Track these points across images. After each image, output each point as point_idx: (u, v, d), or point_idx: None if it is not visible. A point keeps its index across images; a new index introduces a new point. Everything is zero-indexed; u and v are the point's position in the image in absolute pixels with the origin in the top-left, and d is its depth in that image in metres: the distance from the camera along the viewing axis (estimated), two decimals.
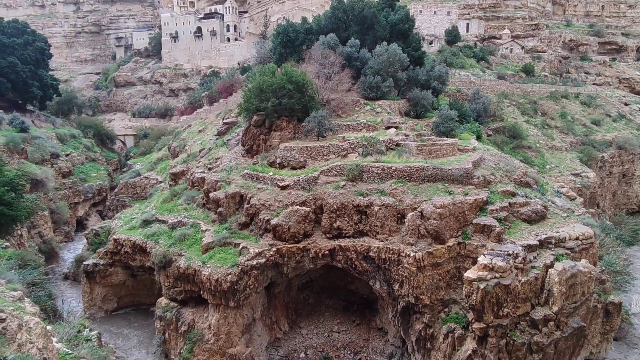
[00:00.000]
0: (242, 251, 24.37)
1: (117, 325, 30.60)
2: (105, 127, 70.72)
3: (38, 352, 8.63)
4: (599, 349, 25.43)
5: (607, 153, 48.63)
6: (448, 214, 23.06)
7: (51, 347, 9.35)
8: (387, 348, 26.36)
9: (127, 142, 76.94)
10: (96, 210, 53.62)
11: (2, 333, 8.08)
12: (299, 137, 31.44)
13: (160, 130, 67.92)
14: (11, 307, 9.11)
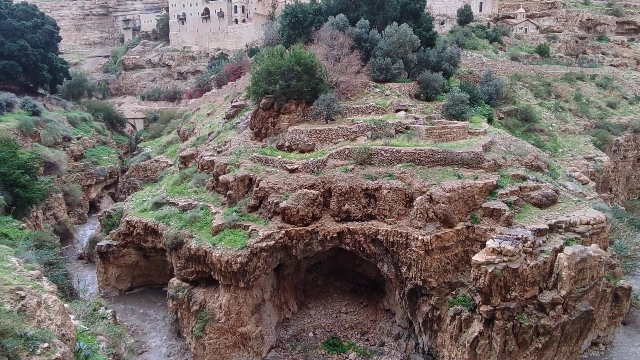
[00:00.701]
0: (251, 233, 24.68)
1: (131, 304, 31.49)
2: (115, 111, 71.09)
3: (57, 329, 8.96)
4: (607, 332, 25.50)
5: (622, 136, 47.53)
6: (457, 198, 22.96)
7: (69, 324, 9.68)
8: (394, 329, 26.77)
9: (137, 126, 77.41)
10: (108, 192, 54.50)
11: (22, 310, 8.38)
12: (308, 120, 31.30)
13: (169, 114, 68.08)
14: (30, 286, 9.42)
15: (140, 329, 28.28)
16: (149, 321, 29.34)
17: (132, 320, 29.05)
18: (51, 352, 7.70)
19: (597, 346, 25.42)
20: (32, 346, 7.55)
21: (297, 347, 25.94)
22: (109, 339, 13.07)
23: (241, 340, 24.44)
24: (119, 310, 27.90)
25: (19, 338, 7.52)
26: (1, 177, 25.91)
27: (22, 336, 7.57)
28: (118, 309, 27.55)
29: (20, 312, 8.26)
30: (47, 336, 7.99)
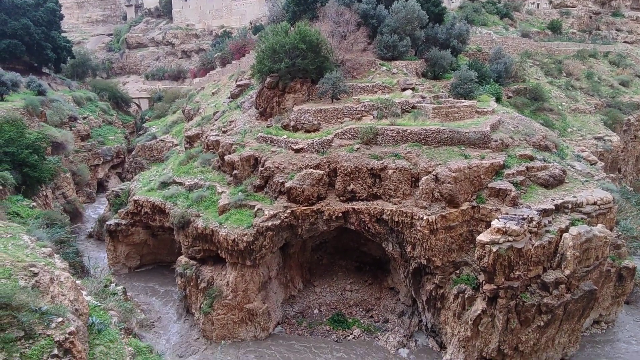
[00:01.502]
0: (257, 213, 24.91)
1: (141, 281, 32.24)
2: (120, 90, 70.80)
3: (70, 304, 9.23)
4: (609, 311, 25.77)
5: (634, 116, 46.61)
6: (463, 178, 22.88)
7: (81, 300, 9.98)
8: (398, 306, 27.23)
9: (142, 105, 77.18)
10: (115, 172, 54.94)
11: (36, 286, 8.62)
12: (313, 99, 31.01)
13: (174, 93, 67.68)
14: (42, 263, 9.66)
15: (150, 305, 29.06)
16: (158, 297, 30.10)
17: (141, 297, 29.81)
18: (65, 326, 7.97)
19: (598, 324, 25.75)
20: (47, 320, 7.82)
21: (303, 323, 26.56)
22: (120, 314, 13.47)
23: (248, 316, 25.05)
24: (128, 287, 28.64)
25: (34, 313, 7.78)
26: (10, 157, 26.19)
27: (37, 311, 7.83)
28: (128, 286, 28.29)
29: (34, 288, 8.51)
30: (61, 311, 8.25)
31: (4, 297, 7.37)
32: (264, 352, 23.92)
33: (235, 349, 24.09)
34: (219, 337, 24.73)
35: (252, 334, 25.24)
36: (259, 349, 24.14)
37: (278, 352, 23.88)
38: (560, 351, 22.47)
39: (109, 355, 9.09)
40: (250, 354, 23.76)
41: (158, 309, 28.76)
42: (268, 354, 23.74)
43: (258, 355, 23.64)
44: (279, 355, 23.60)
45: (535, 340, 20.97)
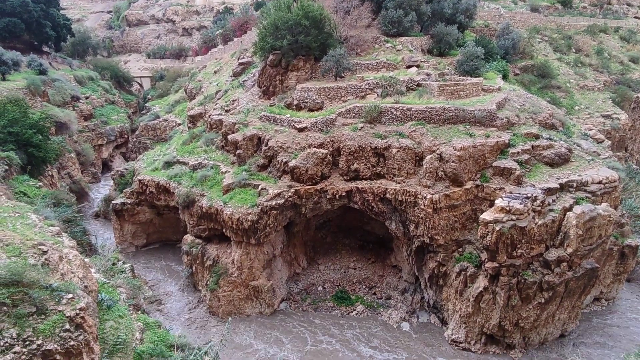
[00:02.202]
0: (261, 192, 25.04)
1: (147, 259, 32.83)
2: (121, 69, 70.08)
3: (79, 281, 9.45)
4: (610, 289, 26.03)
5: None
6: (467, 157, 22.75)
7: (90, 277, 10.20)
8: (401, 284, 27.65)
9: (144, 84, 76.55)
10: (119, 152, 55.10)
11: (46, 264, 8.80)
12: (316, 77, 30.60)
13: (175, 72, 66.96)
14: (51, 241, 9.83)
15: (157, 282, 29.68)
16: (165, 275, 30.71)
17: (149, 274, 30.42)
18: (76, 302, 8.18)
19: (599, 301, 26.07)
20: (57, 297, 8.02)
21: (307, 299, 27.09)
22: (128, 291, 13.79)
23: (254, 293, 25.57)
24: (136, 264, 29.15)
25: (45, 289, 7.98)
26: (14, 137, 26.29)
27: (47, 288, 8.02)
28: (135, 264, 28.79)
29: (43, 266, 8.69)
30: (71, 288, 8.45)
31: (15, 274, 7.54)
32: (270, 327, 24.52)
33: (241, 324, 24.70)
34: (225, 313, 25.33)
35: (258, 310, 25.82)
36: (265, 324, 24.75)
37: (283, 327, 24.48)
38: (559, 327, 22.86)
39: (118, 330, 9.36)
40: (256, 328, 24.37)
41: (165, 286, 29.38)
42: (273, 329, 24.34)
43: (263, 329, 24.25)
44: (284, 330, 24.20)
45: (535, 317, 21.31)
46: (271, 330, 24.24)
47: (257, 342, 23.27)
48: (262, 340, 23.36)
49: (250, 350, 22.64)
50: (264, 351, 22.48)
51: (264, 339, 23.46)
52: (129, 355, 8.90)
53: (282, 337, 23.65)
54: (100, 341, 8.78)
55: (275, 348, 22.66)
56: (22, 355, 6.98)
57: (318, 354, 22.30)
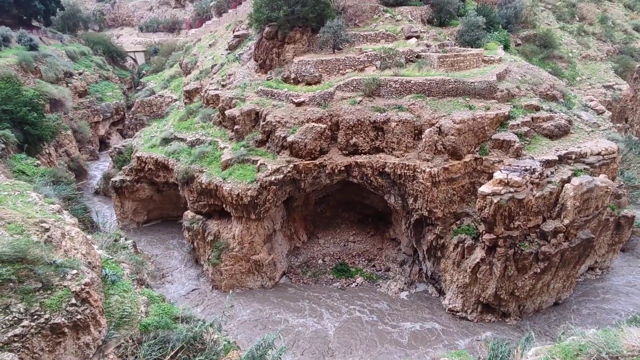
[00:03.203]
0: (260, 168, 25.04)
1: (149, 236, 33.20)
2: (114, 44, 68.41)
3: (82, 257, 9.57)
4: (605, 258, 26.52)
5: None
6: (467, 130, 22.63)
7: (94, 253, 10.32)
8: (400, 256, 28.12)
9: (138, 59, 74.95)
10: (116, 129, 54.61)
11: (49, 241, 8.89)
12: (314, 49, 29.96)
13: (169, 46, 65.41)
14: (52, 219, 9.88)
15: (160, 258, 30.14)
16: (167, 251, 31.14)
17: (150, 250, 30.84)
18: (80, 278, 8.32)
19: (593, 270, 26.63)
20: (62, 273, 8.15)
21: (308, 272, 27.62)
22: (131, 266, 14.00)
23: (255, 267, 26.03)
24: (137, 241, 29.52)
25: (49, 266, 8.10)
26: (9, 115, 25.96)
27: (51, 264, 8.14)
28: (137, 240, 29.14)
29: (46, 243, 8.78)
30: (75, 264, 8.57)
31: (19, 251, 7.63)
32: (271, 299, 25.11)
33: (244, 297, 25.28)
34: (228, 287, 25.87)
35: (260, 284, 26.36)
36: (267, 297, 25.33)
37: (284, 298, 25.07)
38: (554, 295, 23.45)
39: (124, 304, 9.57)
40: (258, 300, 24.97)
41: (167, 261, 29.86)
42: (275, 301, 24.94)
43: (265, 301, 24.85)
44: (286, 301, 24.79)
45: (531, 286, 21.82)
46: (273, 302, 24.83)
47: (259, 313, 23.88)
48: (264, 312, 23.98)
49: (252, 321, 23.26)
50: (265, 322, 23.11)
51: (266, 311, 24.07)
52: (135, 327, 9.14)
53: (283, 308, 24.26)
54: (106, 315, 9.00)
55: (277, 318, 23.28)
56: (30, 329, 7.16)
57: (317, 323, 22.94)
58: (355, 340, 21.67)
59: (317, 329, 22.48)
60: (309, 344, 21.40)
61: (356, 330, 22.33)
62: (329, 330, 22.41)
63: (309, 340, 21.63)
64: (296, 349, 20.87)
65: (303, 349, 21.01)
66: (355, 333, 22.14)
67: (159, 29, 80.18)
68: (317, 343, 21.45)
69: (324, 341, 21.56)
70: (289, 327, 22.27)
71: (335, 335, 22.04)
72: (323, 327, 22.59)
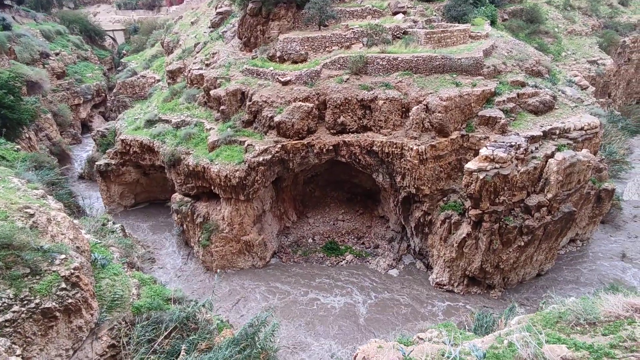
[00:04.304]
0: (247, 148, 24.84)
1: (137, 219, 32.97)
2: (91, 22, 65.79)
3: (70, 242, 9.49)
4: (585, 230, 27.40)
5: (630, 37, 45.33)
6: (454, 107, 22.70)
7: (81, 238, 10.24)
8: (388, 233, 28.59)
9: (117, 38, 72.40)
10: (98, 112, 53.22)
11: (34, 226, 8.78)
12: (299, 26, 29.34)
13: (150, 24, 63.26)
14: (37, 204, 9.72)
15: (149, 241, 30.04)
16: (156, 234, 31.03)
17: (139, 233, 30.68)
18: (69, 262, 8.28)
19: (574, 242, 27.54)
20: (50, 258, 8.09)
21: (298, 251, 27.94)
22: (121, 250, 13.97)
23: (246, 247, 26.20)
24: (126, 224, 29.22)
25: (37, 251, 8.02)
26: None
27: (39, 249, 8.06)
28: (125, 224, 28.87)
29: (32, 228, 8.67)
30: (62, 249, 8.51)
31: (4, 237, 7.52)
32: (262, 278, 25.42)
33: (235, 276, 25.52)
34: (219, 267, 26.04)
35: (250, 263, 26.60)
36: (258, 276, 25.63)
37: (276, 277, 25.41)
38: (537, 267, 24.26)
39: (115, 287, 9.59)
40: (250, 280, 25.26)
41: (157, 244, 29.79)
42: (266, 279, 25.26)
43: (256, 280, 25.15)
44: (277, 280, 25.14)
45: (515, 259, 22.50)
46: (264, 281, 25.15)
47: (250, 292, 24.21)
48: (255, 291, 24.30)
49: (244, 299, 23.59)
50: (258, 300, 23.46)
51: (257, 289, 24.40)
52: (127, 309, 9.20)
53: (273, 287, 24.62)
54: (98, 298, 9.02)
55: (267, 296, 23.65)
56: (21, 314, 7.15)
57: (309, 300, 23.40)
58: (348, 314, 22.23)
59: (309, 303, 22.93)
60: (305, 316, 21.87)
61: (345, 305, 22.86)
62: (329, 304, 22.89)
63: (303, 314, 22.10)
64: (291, 320, 21.33)
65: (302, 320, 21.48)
66: (345, 307, 22.67)
67: (138, 6, 77.28)
68: (312, 316, 21.94)
69: (325, 314, 22.05)
70: (286, 302, 22.66)
71: (332, 310, 22.55)
72: (315, 301, 23.06)
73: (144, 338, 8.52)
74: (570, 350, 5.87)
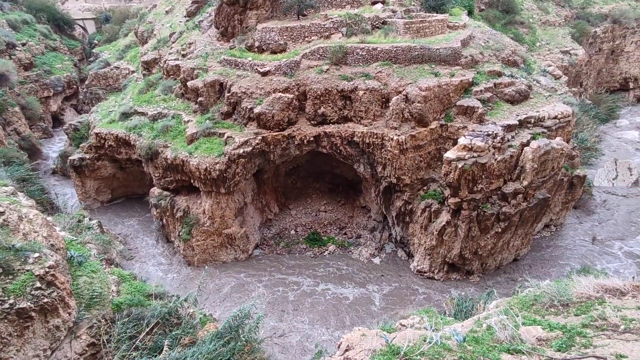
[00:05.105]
0: (227, 140, 24.49)
1: (115, 215, 32.17)
2: (59, 11, 62.93)
3: (44, 240, 9.18)
4: (559, 216, 28.39)
5: (601, 28, 46.70)
6: (433, 97, 22.94)
7: (56, 235, 9.91)
8: (370, 223, 28.88)
9: (88, 28, 69.63)
10: (70, 104, 51.30)
11: (5, 225, 8.44)
12: (278, 16, 28.91)
13: (122, 13, 61.11)
14: (7, 202, 9.34)
15: (128, 236, 29.41)
16: (135, 229, 30.39)
17: (118, 229, 30.00)
18: (44, 261, 8.01)
19: (549, 227, 28.51)
20: (22, 257, 7.81)
21: (281, 243, 27.92)
22: (98, 246, 13.63)
23: (228, 240, 25.98)
24: (103, 220, 28.58)
25: (8, 250, 7.72)
26: None
27: (10, 248, 7.76)
28: (103, 219, 28.22)
29: (2, 227, 8.33)
30: (36, 247, 8.22)
31: None
32: (245, 271, 25.32)
33: (218, 270, 25.32)
34: (201, 262, 25.78)
35: (233, 257, 26.43)
36: (241, 269, 25.51)
37: (259, 270, 25.36)
38: (513, 252, 25.04)
39: (93, 285, 9.36)
40: (233, 273, 25.12)
41: (136, 239, 29.20)
42: (249, 272, 25.18)
43: (240, 274, 25.04)
44: (260, 272, 25.09)
45: (492, 245, 23.15)
46: (247, 274, 25.06)
47: (234, 286, 24.10)
48: (238, 284, 24.21)
49: (228, 293, 23.47)
50: (241, 294, 23.39)
51: (240, 283, 24.31)
52: (106, 307, 9.00)
53: (257, 279, 24.58)
54: (75, 296, 8.78)
55: (250, 289, 23.61)
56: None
57: (293, 292, 23.49)
58: (328, 303, 22.44)
59: (293, 293, 23.03)
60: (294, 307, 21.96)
61: (329, 294, 23.06)
62: (312, 295, 23.02)
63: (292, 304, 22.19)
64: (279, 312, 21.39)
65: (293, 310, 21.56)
66: (328, 297, 22.88)
67: None
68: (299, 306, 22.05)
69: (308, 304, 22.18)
70: (272, 292, 22.66)
71: (314, 299, 22.71)
72: (299, 291, 23.17)
73: (125, 335, 8.37)
74: (545, 331, 6.09)
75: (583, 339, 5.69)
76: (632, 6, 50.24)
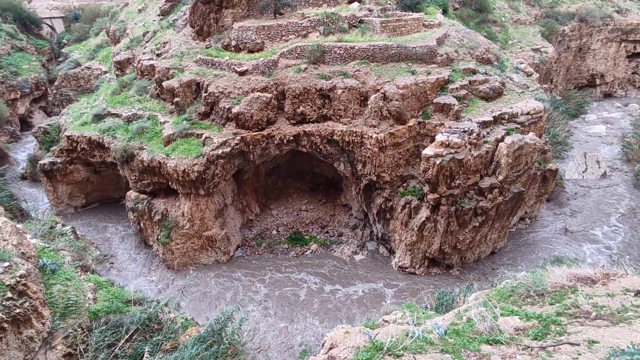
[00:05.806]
0: (205, 141, 24.12)
1: (90, 220, 31.21)
2: (26, 9, 60.46)
3: (14, 248, 8.81)
4: (533, 209, 29.30)
5: (569, 26, 48.41)
6: (410, 95, 23.24)
7: (27, 243, 9.52)
8: (351, 221, 29.04)
9: (57, 27, 67.15)
10: (39, 106, 49.40)
11: None
12: (254, 14, 28.66)
13: (93, 11, 59.20)
14: None
15: (104, 242, 28.59)
16: (111, 234, 29.57)
17: (94, 235, 29.11)
18: (14, 270, 7.68)
19: (524, 220, 29.40)
20: None
21: (262, 244, 27.73)
22: (73, 253, 13.18)
23: (208, 243, 25.61)
24: (77, 226, 27.61)
25: None
26: None
27: None
28: (77, 225, 27.25)
29: None
30: (5, 256, 7.88)
31: None
32: (227, 273, 25.02)
33: (199, 273, 24.91)
34: (181, 265, 25.33)
35: (214, 259, 26.08)
36: (222, 271, 25.19)
37: (241, 271, 25.11)
38: (491, 245, 25.70)
39: (68, 293, 9.04)
40: (214, 276, 24.77)
41: (113, 245, 28.42)
42: (232, 274, 24.90)
43: (221, 276, 24.73)
44: (242, 274, 24.85)
45: (471, 239, 23.68)
46: (229, 276, 24.77)
47: (216, 288, 23.78)
48: (221, 287, 23.91)
49: (210, 296, 23.14)
50: (223, 296, 23.11)
51: (222, 285, 24.01)
52: (83, 315, 8.71)
53: (239, 281, 24.34)
54: (49, 305, 8.46)
55: (233, 292, 23.36)
56: None
57: (277, 292, 23.38)
58: (313, 302, 22.45)
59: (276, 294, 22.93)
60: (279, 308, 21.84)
61: (313, 293, 23.09)
62: (296, 294, 22.95)
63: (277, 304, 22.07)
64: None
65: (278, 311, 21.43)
66: (312, 296, 22.90)
67: None
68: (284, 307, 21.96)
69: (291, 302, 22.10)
70: (252, 295, 22.47)
71: (297, 298, 22.66)
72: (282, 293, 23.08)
73: (103, 343, 8.13)
74: (522, 321, 6.28)
75: (558, 327, 5.90)
76: (597, 5, 52.30)
